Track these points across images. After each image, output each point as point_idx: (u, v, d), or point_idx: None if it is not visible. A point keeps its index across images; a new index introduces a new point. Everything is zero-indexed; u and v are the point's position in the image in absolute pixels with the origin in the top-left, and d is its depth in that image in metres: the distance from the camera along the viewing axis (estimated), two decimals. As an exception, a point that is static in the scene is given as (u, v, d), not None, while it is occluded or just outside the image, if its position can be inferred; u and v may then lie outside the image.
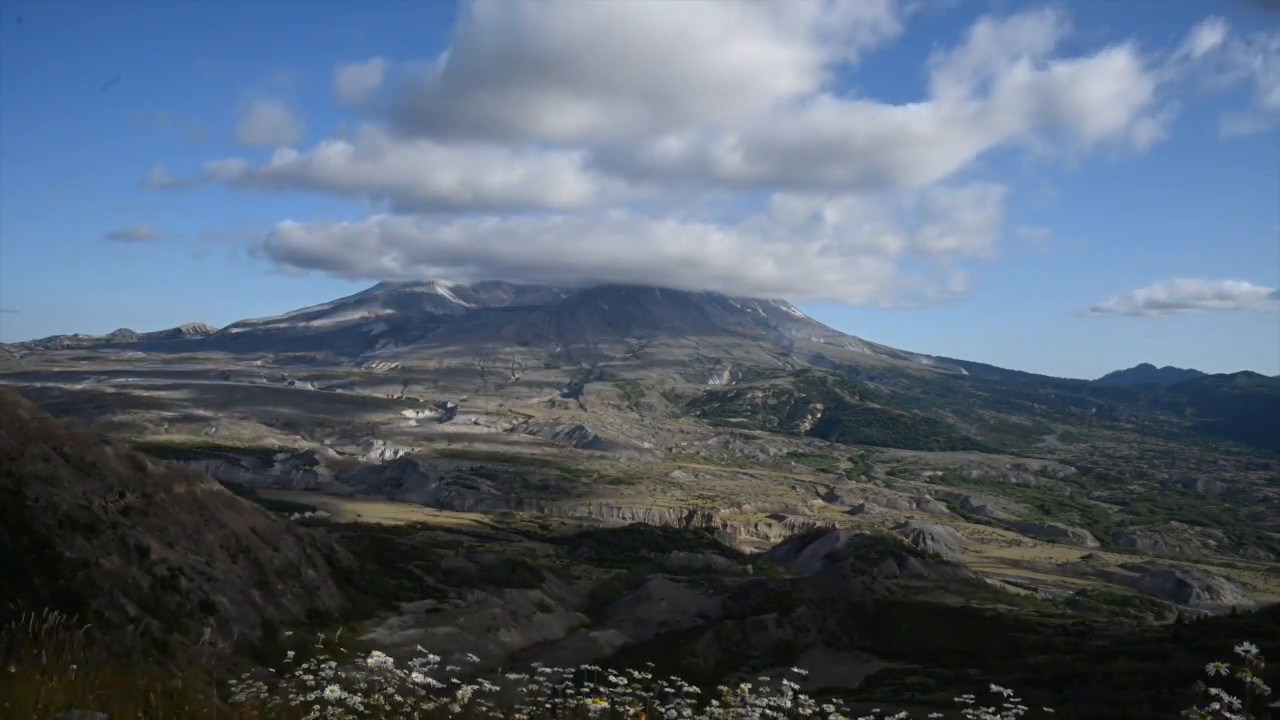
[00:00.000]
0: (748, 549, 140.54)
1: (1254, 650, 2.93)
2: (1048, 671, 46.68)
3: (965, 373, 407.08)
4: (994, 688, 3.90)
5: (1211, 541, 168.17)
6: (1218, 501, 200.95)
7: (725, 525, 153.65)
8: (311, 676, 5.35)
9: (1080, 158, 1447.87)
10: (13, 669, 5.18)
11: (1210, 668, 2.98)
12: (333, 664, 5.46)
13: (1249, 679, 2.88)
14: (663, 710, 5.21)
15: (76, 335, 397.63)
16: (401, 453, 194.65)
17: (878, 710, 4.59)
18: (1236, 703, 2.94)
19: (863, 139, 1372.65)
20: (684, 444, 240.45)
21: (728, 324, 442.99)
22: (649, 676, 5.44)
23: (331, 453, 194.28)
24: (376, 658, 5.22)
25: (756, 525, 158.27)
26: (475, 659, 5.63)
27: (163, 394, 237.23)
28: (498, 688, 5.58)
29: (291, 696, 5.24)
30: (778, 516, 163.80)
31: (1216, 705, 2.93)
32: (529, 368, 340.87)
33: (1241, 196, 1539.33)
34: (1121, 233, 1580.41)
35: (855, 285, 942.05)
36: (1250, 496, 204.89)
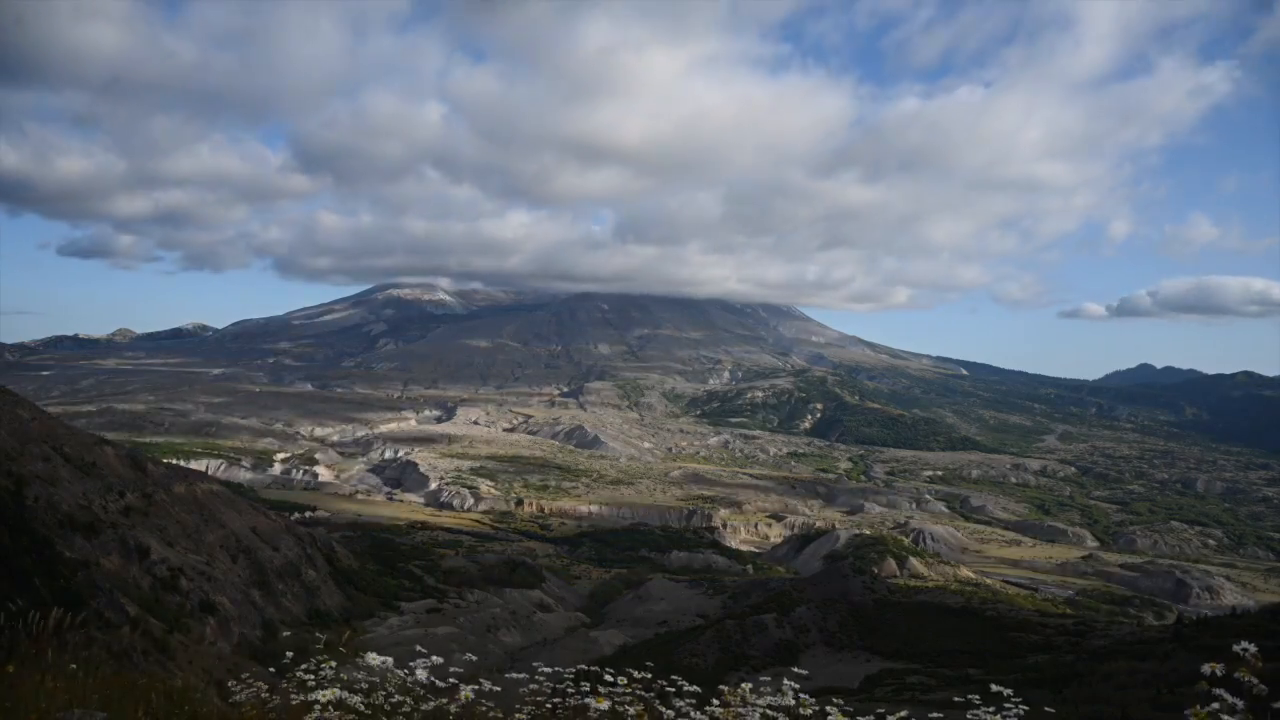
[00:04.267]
0: (748, 549, 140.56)
1: (1252, 649, 2.93)
2: (1048, 671, 46.64)
3: (965, 373, 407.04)
4: (994, 687, 3.90)
5: (1211, 541, 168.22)
6: (1217, 501, 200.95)
7: (725, 525, 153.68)
8: (311, 677, 5.35)
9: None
10: (12, 669, 5.18)
11: (1206, 668, 2.98)
12: (332, 664, 5.46)
13: (1246, 678, 2.88)
14: (663, 710, 5.21)
15: (77, 335, 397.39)
16: (401, 453, 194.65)
17: (881, 710, 4.58)
18: (1240, 703, 2.94)
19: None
20: (684, 444, 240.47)
21: (728, 324, 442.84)
22: (649, 676, 5.44)
23: (331, 453, 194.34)
24: (376, 658, 5.22)
25: (756, 525, 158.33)
26: (475, 659, 5.63)
27: (163, 398, 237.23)
28: (498, 687, 5.58)
29: (292, 697, 5.24)
30: (778, 516, 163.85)
31: (1216, 705, 2.93)
32: (529, 368, 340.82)
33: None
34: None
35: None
36: (1250, 496, 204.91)
